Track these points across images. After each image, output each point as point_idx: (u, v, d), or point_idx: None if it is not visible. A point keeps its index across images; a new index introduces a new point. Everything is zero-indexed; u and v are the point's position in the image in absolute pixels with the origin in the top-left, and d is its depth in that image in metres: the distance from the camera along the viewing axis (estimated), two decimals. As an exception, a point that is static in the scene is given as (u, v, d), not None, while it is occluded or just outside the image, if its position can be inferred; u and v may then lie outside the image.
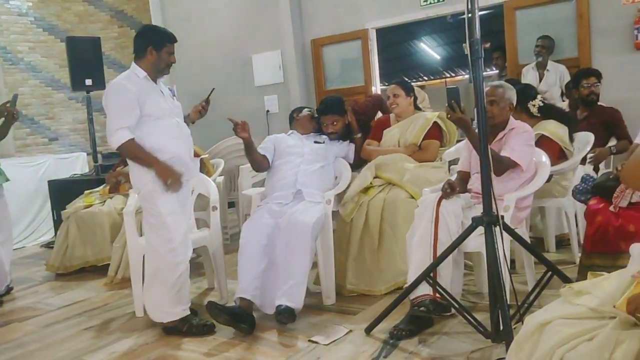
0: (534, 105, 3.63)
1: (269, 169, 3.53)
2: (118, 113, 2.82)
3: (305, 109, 3.78)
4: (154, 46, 2.91)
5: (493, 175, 2.70)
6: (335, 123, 3.65)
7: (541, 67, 5.19)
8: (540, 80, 5.14)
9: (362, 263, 3.35)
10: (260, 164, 3.49)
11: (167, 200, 2.88)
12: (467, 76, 14.85)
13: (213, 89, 3.23)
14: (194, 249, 3.21)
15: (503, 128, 2.92)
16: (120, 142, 2.80)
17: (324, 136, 3.65)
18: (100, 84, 5.93)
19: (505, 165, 2.80)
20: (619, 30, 4.94)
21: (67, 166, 6.43)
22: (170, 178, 2.84)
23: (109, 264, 4.16)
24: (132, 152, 2.86)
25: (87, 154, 6.71)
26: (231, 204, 5.59)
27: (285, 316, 2.87)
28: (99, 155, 6.19)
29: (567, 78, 5.01)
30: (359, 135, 3.73)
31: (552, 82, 5.01)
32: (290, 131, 3.73)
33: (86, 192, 4.79)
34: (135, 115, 2.83)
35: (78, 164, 6.62)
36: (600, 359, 1.15)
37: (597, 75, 4.19)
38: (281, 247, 3.03)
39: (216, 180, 4.81)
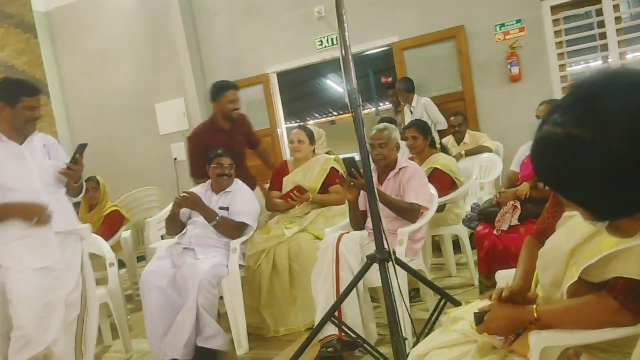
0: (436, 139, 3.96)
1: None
2: None
3: (221, 160, 3.47)
4: (6, 102, 2.56)
5: (387, 213, 2.88)
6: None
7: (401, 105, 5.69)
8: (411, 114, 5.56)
9: (276, 307, 3.39)
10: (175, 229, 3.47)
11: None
12: (373, 109, 15.47)
13: (81, 145, 2.72)
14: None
15: (393, 168, 3.11)
16: None
17: (231, 196, 3.50)
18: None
19: (415, 212, 2.99)
20: (495, 65, 5.41)
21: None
22: (35, 216, 2.53)
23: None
24: None
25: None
26: (141, 258, 5.44)
27: None
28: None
29: (432, 108, 5.43)
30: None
31: (419, 116, 5.38)
32: (208, 182, 3.59)
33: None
34: None
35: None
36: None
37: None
38: (179, 298, 3.05)
39: (122, 235, 4.71)
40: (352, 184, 2.73)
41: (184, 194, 3.35)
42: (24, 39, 7.66)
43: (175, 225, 3.43)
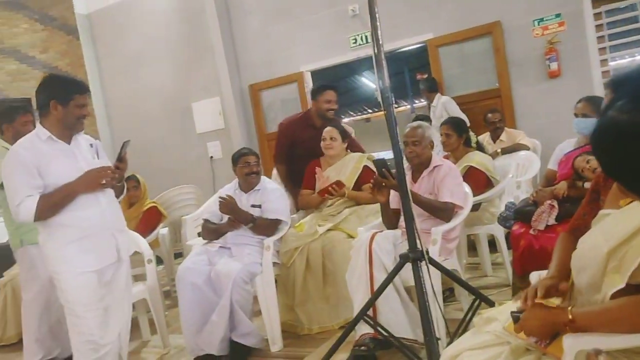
0: (472, 137, 3.90)
1: None
2: (15, 187, 2.43)
3: (247, 158, 3.52)
4: (58, 100, 2.49)
5: (420, 211, 2.86)
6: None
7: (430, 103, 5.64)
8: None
9: (310, 304, 3.42)
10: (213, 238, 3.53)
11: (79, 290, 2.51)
12: (408, 107, 15.36)
13: (125, 142, 2.69)
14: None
15: (427, 166, 3.09)
16: (32, 210, 2.41)
17: (261, 194, 3.53)
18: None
19: (449, 211, 2.97)
20: (533, 60, 5.30)
21: (2, 231, 6.19)
22: (99, 180, 2.52)
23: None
24: (49, 206, 2.44)
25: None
26: (178, 255, 5.55)
27: None
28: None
29: (452, 107, 5.35)
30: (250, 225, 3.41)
31: (439, 115, 5.31)
32: (235, 182, 3.66)
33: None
34: (36, 186, 2.43)
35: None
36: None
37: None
38: (214, 294, 3.11)
39: (160, 231, 4.81)
40: (383, 184, 2.73)
41: (221, 199, 3.39)
42: (66, 41, 7.90)
43: (215, 236, 3.49)
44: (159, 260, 4.86)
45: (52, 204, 2.44)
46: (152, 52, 7.51)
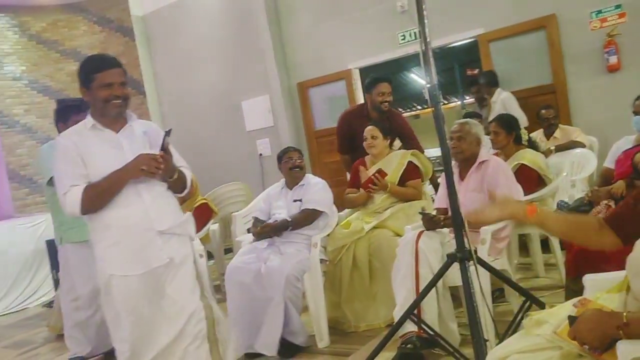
0: (524, 134, 3.80)
1: None
2: (61, 177, 2.24)
3: (290, 154, 3.65)
4: (82, 84, 2.27)
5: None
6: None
7: (487, 100, 5.48)
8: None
9: (357, 302, 3.43)
10: None
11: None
12: (459, 103, 15.08)
13: (166, 132, 2.30)
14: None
15: (474, 162, 3.04)
16: (78, 200, 2.19)
17: (304, 189, 3.60)
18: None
19: None
20: (590, 54, 5.10)
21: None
22: (142, 166, 2.22)
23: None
24: (96, 195, 2.22)
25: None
26: (228, 250, 5.66)
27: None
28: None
29: (511, 104, 5.14)
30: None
31: (497, 112, 5.14)
32: (282, 181, 3.75)
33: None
34: (81, 175, 2.23)
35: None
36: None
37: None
38: (262, 292, 3.14)
39: (210, 227, 4.93)
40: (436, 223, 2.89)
41: (254, 233, 3.50)
42: (123, 42, 8.21)
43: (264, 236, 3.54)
44: (210, 256, 4.97)
45: (99, 191, 2.22)
46: (203, 52, 7.67)
